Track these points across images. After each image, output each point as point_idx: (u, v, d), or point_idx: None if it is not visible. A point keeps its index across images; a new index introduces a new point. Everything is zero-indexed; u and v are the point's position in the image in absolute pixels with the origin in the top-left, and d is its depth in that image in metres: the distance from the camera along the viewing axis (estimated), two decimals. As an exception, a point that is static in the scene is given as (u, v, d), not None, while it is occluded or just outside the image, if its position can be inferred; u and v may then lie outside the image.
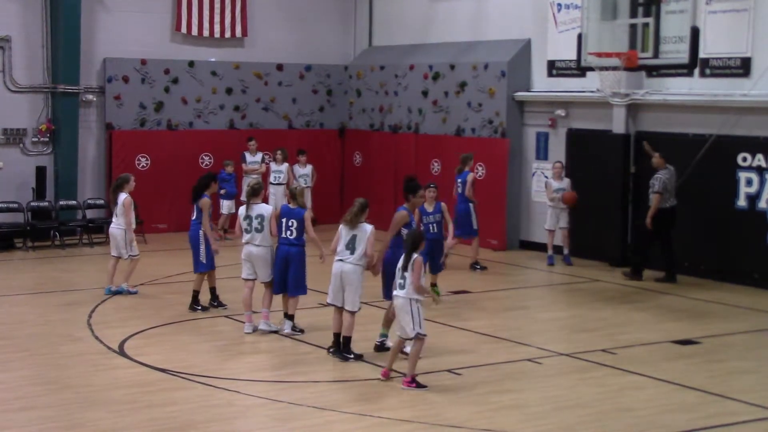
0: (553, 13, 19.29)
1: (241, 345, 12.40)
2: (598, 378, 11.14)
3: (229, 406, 9.92)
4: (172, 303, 14.57)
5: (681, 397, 10.45)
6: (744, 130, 16.44)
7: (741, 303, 15.06)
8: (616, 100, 17.79)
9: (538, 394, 10.56)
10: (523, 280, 16.92)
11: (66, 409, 9.70)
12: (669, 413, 9.85)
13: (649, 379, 11.02)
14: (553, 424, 9.49)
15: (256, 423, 9.63)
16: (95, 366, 11.27)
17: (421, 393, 10.36)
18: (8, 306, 14.54)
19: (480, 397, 10.27)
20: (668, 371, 11.31)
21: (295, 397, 10.16)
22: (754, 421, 9.68)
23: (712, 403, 10.23)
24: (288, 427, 9.36)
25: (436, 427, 9.28)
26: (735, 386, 10.84)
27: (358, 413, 9.65)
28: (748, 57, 16.42)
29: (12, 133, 20.24)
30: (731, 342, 12.92)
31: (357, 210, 11.48)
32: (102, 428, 9.07)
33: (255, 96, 22.38)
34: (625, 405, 10.13)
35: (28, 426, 9.23)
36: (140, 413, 9.47)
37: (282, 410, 9.81)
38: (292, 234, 12.42)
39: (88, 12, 20.59)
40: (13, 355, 11.72)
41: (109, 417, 9.35)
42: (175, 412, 9.56)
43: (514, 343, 12.57)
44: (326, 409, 9.79)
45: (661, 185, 16.04)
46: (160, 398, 9.94)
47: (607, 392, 10.60)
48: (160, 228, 20.98)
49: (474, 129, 20.27)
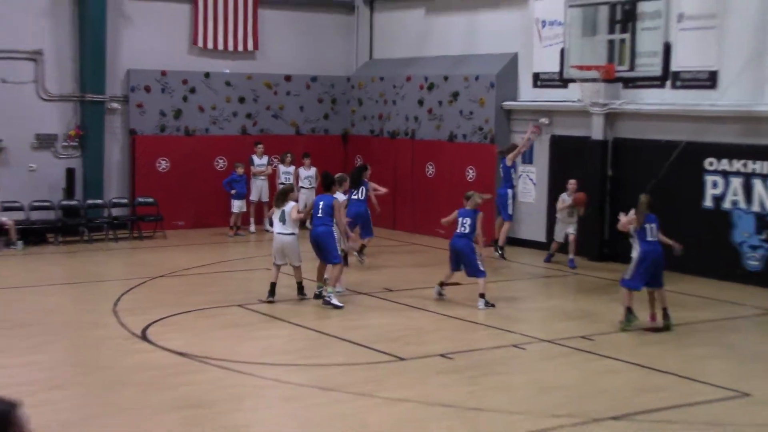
0: (538, 29, 19.33)
1: (253, 332, 12.44)
2: (578, 362, 11.18)
3: (242, 387, 9.96)
4: (191, 293, 14.61)
5: (653, 379, 10.49)
6: (711, 138, 16.49)
7: (707, 294, 15.12)
8: (595, 109, 17.83)
9: (523, 377, 10.61)
10: (510, 273, 16.97)
11: (95, 389, 9.78)
12: (643, 394, 9.90)
13: (625, 363, 11.07)
14: (537, 404, 9.53)
15: (266, 402, 9.69)
16: (121, 350, 11.33)
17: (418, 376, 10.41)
18: (41, 295, 14.59)
19: (470, 380, 10.31)
20: (642, 356, 11.37)
21: (303, 379, 10.21)
22: (720, 401, 9.74)
23: (681, 385, 10.27)
24: (295, 407, 9.40)
25: (431, 407, 9.32)
26: (702, 369, 10.88)
27: (359, 393, 9.70)
28: (715, 70, 16.47)
29: (44, 139, 20.26)
30: (699, 329, 12.98)
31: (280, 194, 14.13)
32: (128, 406, 9.14)
33: (265, 104, 22.41)
34: (603, 387, 10.17)
35: (61, 402, 9.30)
36: (162, 393, 9.53)
37: (290, 391, 9.86)
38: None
39: (113, 27, 20.62)
40: (47, 339, 11.78)
41: (134, 396, 9.42)
42: (193, 392, 9.60)
43: (501, 330, 12.61)
44: (331, 389, 9.83)
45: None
46: (180, 380, 9.98)
47: (586, 375, 10.65)
48: (179, 225, 20.99)
49: (465, 135, 20.31)
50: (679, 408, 9.47)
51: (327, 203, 13.83)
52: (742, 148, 16.09)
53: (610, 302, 13.95)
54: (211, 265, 17.10)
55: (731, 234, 16.19)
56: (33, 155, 20.19)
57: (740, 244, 16.09)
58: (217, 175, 21.41)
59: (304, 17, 23.08)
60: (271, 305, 13.62)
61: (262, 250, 19.00)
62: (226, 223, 20.77)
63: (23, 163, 20.04)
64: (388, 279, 15.96)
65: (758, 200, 15.92)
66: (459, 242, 13.92)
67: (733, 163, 16.20)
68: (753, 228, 16.00)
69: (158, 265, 16.96)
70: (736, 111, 16.13)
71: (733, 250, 16.14)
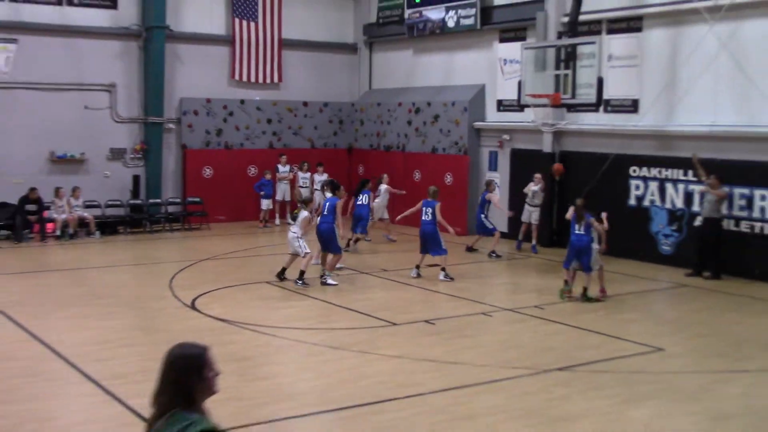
0: (501, 66, 19.33)
1: (278, 303, 12.45)
2: (532, 326, 11.23)
3: (270, 346, 10.01)
4: (229, 272, 14.61)
5: (590, 339, 10.54)
6: (634, 151, 16.51)
7: (631, 272, 15.15)
8: (546, 128, 17.85)
9: (489, 338, 10.64)
10: (478, 257, 16.99)
11: (154, 346, 9.72)
12: (581, 350, 9.94)
13: (567, 327, 11.11)
14: (501, 358, 9.57)
15: (290, 358, 9.72)
16: (175, 317, 11.38)
17: (407, 337, 10.42)
18: (114, 274, 14.62)
19: (448, 340, 10.33)
20: (581, 321, 11.40)
21: (317, 340, 10.23)
22: (640, 354, 9.79)
23: (611, 343, 10.33)
24: (312, 361, 9.44)
25: (418, 361, 9.35)
26: (627, 330, 10.94)
27: (361, 351, 9.74)
28: (637, 98, 16.50)
29: (116, 152, 20.23)
30: (625, 300, 13.01)
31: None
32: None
33: (287, 124, 22.37)
34: (550, 345, 10.22)
35: (128, 357, 9.34)
36: (208, 350, 9.57)
37: (307, 349, 9.89)
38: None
39: (170, 65, 20.58)
40: (117, 309, 11.81)
41: (186, 353, 9.45)
42: (232, 350, 9.64)
43: (473, 302, 12.64)
44: (339, 348, 9.86)
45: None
46: (222, 339, 10.01)
47: (538, 336, 10.69)
48: (220, 219, 20.96)
49: (444, 149, 20.30)
50: (609, 361, 9.52)
51: (332, 204, 13.73)
52: (658, 159, 16.10)
53: (557, 279, 13.97)
54: (244, 251, 17.11)
55: (649, 225, 16.22)
56: (108, 165, 20.16)
57: (656, 234, 16.12)
58: (250, 180, 21.38)
59: (318, 56, 23.03)
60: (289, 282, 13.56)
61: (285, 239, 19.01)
62: (257, 217, 20.76)
63: (100, 170, 20.03)
64: (384, 262, 15.97)
65: (670, 199, 15.94)
66: (425, 227, 14.03)
67: (651, 171, 16.22)
68: (666, 221, 16.03)
69: (204, 250, 16.96)
70: (652, 130, 16.14)
71: (651, 238, 16.17)
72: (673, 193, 15.86)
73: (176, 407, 3.34)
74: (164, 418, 3.34)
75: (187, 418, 3.31)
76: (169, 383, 3.38)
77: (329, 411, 7.76)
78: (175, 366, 3.42)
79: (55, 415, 7.60)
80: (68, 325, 10.80)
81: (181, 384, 3.37)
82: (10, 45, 18.07)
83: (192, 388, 3.37)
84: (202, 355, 3.46)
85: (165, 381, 3.40)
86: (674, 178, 15.82)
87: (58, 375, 8.72)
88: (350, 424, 7.46)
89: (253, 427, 7.27)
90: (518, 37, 18.77)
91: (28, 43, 18.79)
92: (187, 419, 3.30)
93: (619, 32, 16.74)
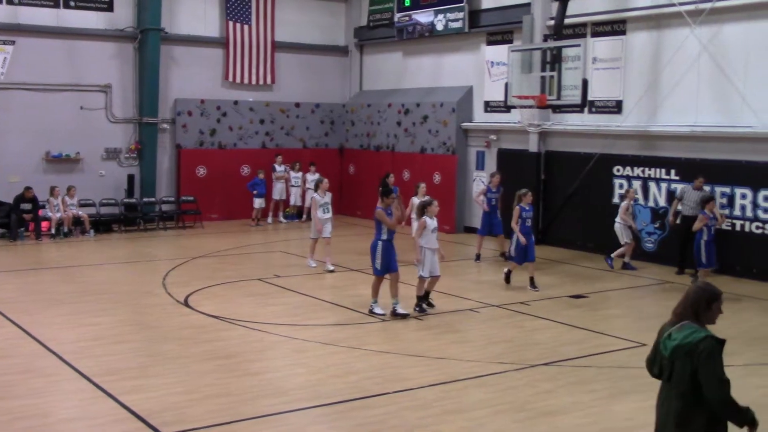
0: (488, 68, 19.30)
1: (270, 299, 12.36)
2: (518, 321, 11.18)
3: (261, 342, 9.92)
4: (221, 269, 14.53)
5: (574, 334, 10.51)
6: (617, 150, 16.50)
7: (615, 269, 15.12)
8: (531, 128, 17.83)
9: (477, 333, 10.60)
10: (466, 254, 16.94)
11: (147, 343, 9.72)
12: (566, 345, 9.92)
13: (552, 322, 11.08)
14: (487, 353, 9.53)
15: (281, 353, 9.61)
16: (168, 313, 11.28)
17: (396, 333, 10.37)
18: (108, 271, 14.51)
19: (437, 335, 10.29)
20: (565, 317, 11.38)
21: (307, 336, 10.17)
22: (623, 350, 9.76)
23: (594, 338, 10.29)
24: (302, 356, 9.36)
25: (406, 356, 9.30)
26: (610, 326, 10.92)
27: (351, 347, 9.67)
28: (620, 100, 16.49)
29: (111, 151, 20.11)
30: (608, 296, 13.01)
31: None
32: (173, 356, 9.10)
33: (280, 125, 22.28)
34: (536, 340, 10.18)
35: (121, 353, 9.24)
36: (200, 346, 9.49)
37: (298, 344, 9.82)
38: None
39: (165, 66, 20.45)
40: (111, 305, 11.72)
41: (177, 349, 9.38)
42: (224, 345, 9.58)
43: (461, 298, 12.60)
44: (329, 344, 9.80)
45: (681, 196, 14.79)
46: (214, 336, 9.95)
47: (524, 331, 10.65)
48: (213, 217, 20.89)
49: (433, 149, 20.25)
50: (593, 356, 9.48)
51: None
52: (641, 158, 16.09)
53: (543, 275, 13.95)
54: (237, 248, 17.01)
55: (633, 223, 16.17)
56: (103, 164, 20.04)
57: (640, 231, 16.09)
58: (243, 179, 21.28)
59: (310, 59, 22.94)
60: (281, 279, 13.52)
61: (277, 236, 18.94)
62: (250, 216, 20.67)
63: (95, 170, 19.91)
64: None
65: (653, 198, 15.92)
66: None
67: (634, 170, 16.21)
68: (649, 218, 16.01)
69: (197, 248, 16.86)
70: (635, 130, 16.12)
71: (635, 235, 16.14)
72: (657, 192, 15.84)
73: (687, 320, 4.63)
74: (678, 326, 4.66)
75: (693, 327, 4.60)
76: (688, 303, 4.65)
77: (319, 406, 7.69)
78: (694, 292, 4.66)
79: (49, 411, 7.49)
80: (62, 322, 10.67)
81: (694, 306, 4.64)
82: (6, 46, 17.96)
83: (699, 311, 4.63)
84: (715, 293, 4.64)
85: (685, 300, 4.68)
86: (657, 177, 15.80)
87: (52, 371, 8.61)
88: (339, 418, 7.38)
89: (243, 422, 7.19)
90: (505, 40, 18.74)
91: (25, 45, 18.71)
92: (693, 328, 4.59)
93: (603, 35, 16.73)
